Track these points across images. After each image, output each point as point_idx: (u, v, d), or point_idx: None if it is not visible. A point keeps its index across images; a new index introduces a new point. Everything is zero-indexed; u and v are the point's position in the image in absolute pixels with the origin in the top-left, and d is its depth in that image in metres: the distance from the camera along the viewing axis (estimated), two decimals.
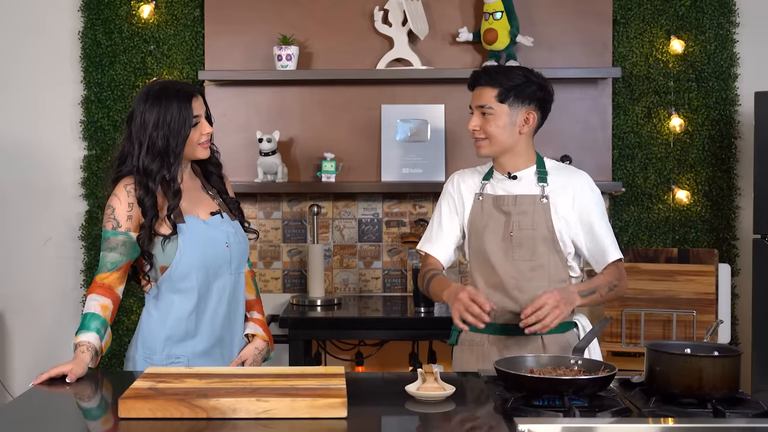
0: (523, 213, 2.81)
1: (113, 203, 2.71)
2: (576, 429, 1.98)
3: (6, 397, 4.34)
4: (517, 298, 2.80)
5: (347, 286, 4.34)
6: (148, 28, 4.23)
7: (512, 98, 2.80)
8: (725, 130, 4.22)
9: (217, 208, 2.82)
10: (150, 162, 2.67)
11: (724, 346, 2.42)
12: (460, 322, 2.66)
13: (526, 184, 2.86)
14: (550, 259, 2.81)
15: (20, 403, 2.39)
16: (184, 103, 2.68)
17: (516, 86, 2.80)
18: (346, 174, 4.24)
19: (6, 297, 4.37)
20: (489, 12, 4.08)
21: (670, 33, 4.21)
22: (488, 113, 2.81)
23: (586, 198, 2.84)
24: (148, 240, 2.68)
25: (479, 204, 2.88)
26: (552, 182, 2.84)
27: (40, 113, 4.33)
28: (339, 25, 4.23)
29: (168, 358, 2.74)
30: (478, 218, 2.87)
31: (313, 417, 2.13)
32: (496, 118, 2.81)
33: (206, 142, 2.76)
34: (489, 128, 2.81)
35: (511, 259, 2.81)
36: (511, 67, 2.90)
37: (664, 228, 4.24)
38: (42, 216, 4.35)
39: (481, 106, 2.82)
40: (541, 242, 2.80)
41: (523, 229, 2.80)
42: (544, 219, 2.80)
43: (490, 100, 2.81)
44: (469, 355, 2.87)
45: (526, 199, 2.82)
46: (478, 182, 2.92)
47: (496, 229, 2.83)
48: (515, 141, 2.83)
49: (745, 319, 4.19)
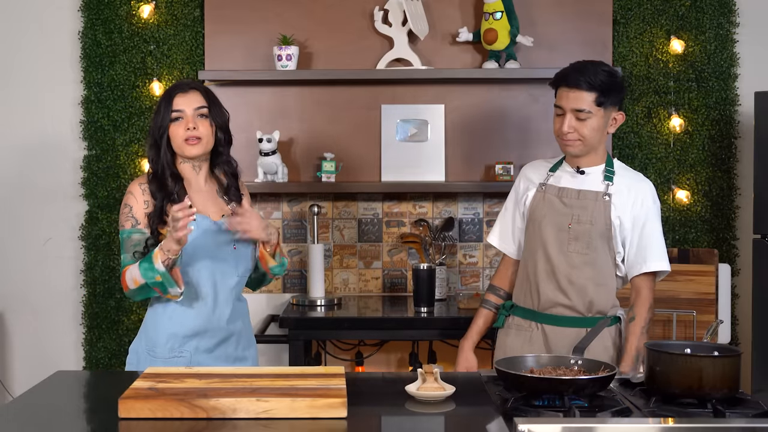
0: (584, 208, 2.88)
1: (130, 202, 2.80)
2: (576, 429, 1.98)
3: (6, 397, 4.34)
4: (566, 289, 2.89)
5: (347, 286, 4.34)
6: (148, 28, 4.23)
7: (609, 102, 2.85)
8: (725, 130, 4.22)
9: (229, 211, 2.84)
10: (149, 149, 2.85)
11: (724, 346, 2.43)
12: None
13: (592, 180, 2.93)
14: (602, 255, 2.88)
15: (20, 403, 2.39)
16: (168, 97, 2.83)
17: (612, 90, 2.85)
18: (346, 174, 4.24)
19: (6, 297, 4.37)
20: (489, 12, 4.08)
21: (670, 33, 4.21)
22: (586, 117, 2.85)
23: (648, 205, 2.91)
24: (158, 221, 2.75)
25: (541, 194, 2.96)
26: (617, 182, 2.91)
27: (40, 113, 4.33)
28: (339, 25, 4.23)
29: (171, 352, 2.76)
30: (539, 207, 2.95)
31: (313, 417, 2.13)
32: (593, 122, 2.85)
33: (191, 140, 2.78)
34: (584, 131, 2.86)
35: (566, 250, 2.88)
36: (603, 68, 2.90)
37: (664, 228, 4.22)
38: (42, 216, 4.35)
39: (579, 110, 2.84)
40: (597, 237, 2.86)
41: (581, 222, 2.88)
42: (603, 216, 2.86)
43: (590, 104, 2.84)
44: (515, 339, 2.98)
45: (589, 195, 2.89)
46: (544, 173, 3.00)
47: (555, 220, 2.91)
48: (602, 140, 2.91)
49: (745, 319, 4.19)
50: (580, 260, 2.88)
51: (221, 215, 2.81)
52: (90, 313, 4.29)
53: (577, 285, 2.88)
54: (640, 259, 2.90)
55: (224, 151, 2.89)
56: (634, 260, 2.90)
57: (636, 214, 2.90)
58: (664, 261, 2.92)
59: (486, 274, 4.30)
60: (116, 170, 4.25)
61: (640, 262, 2.89)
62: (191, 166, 2.85)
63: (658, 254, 2.91)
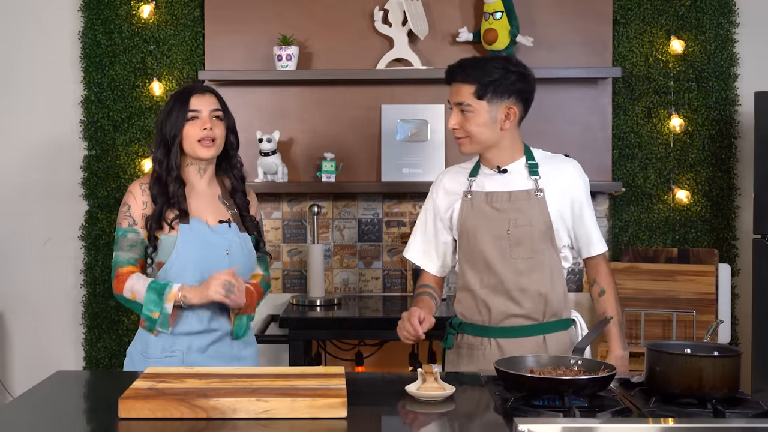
0: (519, 210, 2.70)
1: (129, 201, 2.80)
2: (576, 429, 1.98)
3: (6, 397, 4.35)
4: (518, 298, 2.71)
5: (347, 286, 4.34)
6: (148, 28, 4.23)
7: (491, 94, 2.66)
8: (725, 130, 4.22)
9: (227, 217, 2.83)
10: (157, 150, 2.81)
11: (724, 346, 2.42)
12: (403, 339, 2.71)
13: (517, 178, 2.74)
14: (549, 255, 2.73)
15: (20, 403, 2.39)
16: (183, 97, 2.80)
17: (494, 81, 2.65)
18: (346, 174, 4.24)
19: (6, 297, 4.37)
20: (489, 12, 4.08)
21: (670, 33, 4.21)
22: (467, 111, 2.68)
23: (579, 187, 2.77)
24: (157, 225, 2.74)
25: (468, 203, 2.76)
26: (543, 173, 2.74)
27: (40, 113, 4.33)
28: (339, 25, 4.23)
29: (163, 351, 2.75)
30: (468, 218, 2.75)
31: (313, 417, 2.13)
32: (476, 116, 2.68)
33: (206, 141, 2.77)
34: (469, 127, 2.69)
35: (509, 258, 2.70)
36: (487, 59, 2.77)
37: (664, 228, 4.24)
38: (42, 216, 4.35)
39: (459, 104, 2.69)
40: (539, 238, 2.70)
41: (519, 226, 2.69)
42: (541, 214, 2.70)
43: (468, 97, 2.67)
44: (468, 361, 2.77)
45: (521, 195, 2.71)
46: (464, 180, 2.81)
47: (491, 228, 2.72)
48: (499, 137, 2.71)
49: (745, 319, 4.19)
50: (525, 265, 2.70)
51: (218, 220, 2.81)
52: (90, 313, 4.29)
53: (530, 292, 2.70)
54: (586, 245, 2.78)
55: (233, 154, 2.88)
56: (582, 245, 2.79)
57: (572, 199, 2.74)
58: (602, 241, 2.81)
59: None
60: (116, 170, 4.26)
61: (588, 247, 2.78)
62: (197, 168, 2.83)
63: (598, 235, 2.80)
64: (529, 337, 2.72)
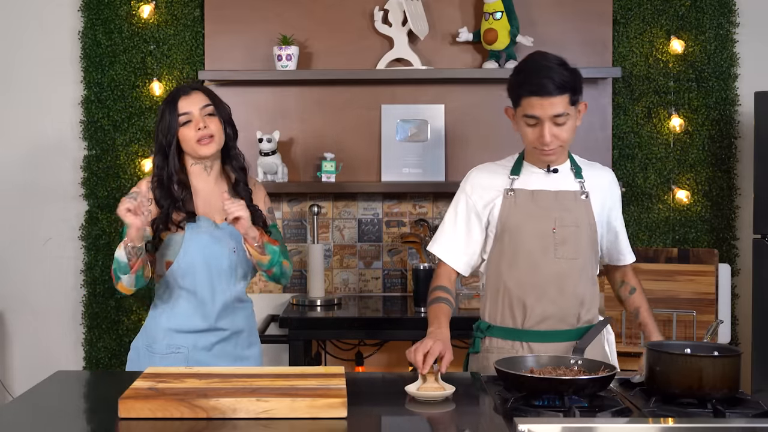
0: (566, 209, 2.66)
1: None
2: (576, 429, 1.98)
3: (6, 397, 4.34)
4: (556, 300, 2.66)
5: (347, 286, 4.34)
6: (148, 28, 4.23)
7: (579, 97, 2.63)
8: (725, 130, 4.22)
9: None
10: (155, 157, 2.82)
11: (724, 346, 2.42)
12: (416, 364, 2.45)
13: (564, 179, 2.71)
14: (590, 258, 2.71)
15: (20, 403, 2.39)
16: (171, 103, 2.80)
17: (579, 83, 2.62)
18: (346, 174, 4.24)
19: (6, 297, 4.37)
20: (489, 12, 4.08)
21: (670, 33, 4.21)
22: (564, 121, 2.60)
23: (615, 196, 2.79)
24: (163, 226, 2.74)
25: (511, 200, 2.69)
26: (585, 177, 2.73)
27: (40, 113, 4.33)
28: (339, 25, 4.23)
29: (168, 348, 2.78)
30: (512, 215, 2.68)
31: (313, 417, 2.13)
32: (570, 123, 2.61)
33: (204, 139, 2.77)
34: (564, 135, 2.61)
35: (552, 257, 2.65)
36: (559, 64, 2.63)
37: (664, 228, 4.24)
38: (42, 216, 4.35)
39: (558, 116, 2.57)
40: (584, 240, 2.68)
41: (565, 225, 2.65)
42: (587, 216, 2.68)
43: (565, 107, 2.58)
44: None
45: (567, 195, 2.68)
46: (503, 177, 2.73)
47: (536, 226, 2.66)
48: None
49: (745, 319, 4.19)
50: (568, 266, 2.65)
51: (224, 219, 2.81)
52: (90, 313, 4.29)
53: (568, 293, 2.66)
54: (617, 255, 2.83)
55: (232, 146, 2.88)
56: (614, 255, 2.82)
57: (610, 206, 2.76)
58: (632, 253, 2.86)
59: None
60: (116, 170, 4.26)
61: (619, 257, 2.83)
62: (203, 167, 2.83)
63: (629, 247, 2.85)
64: (562, 342, 2.67)
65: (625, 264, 2.86)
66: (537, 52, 2.72)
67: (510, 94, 2.67)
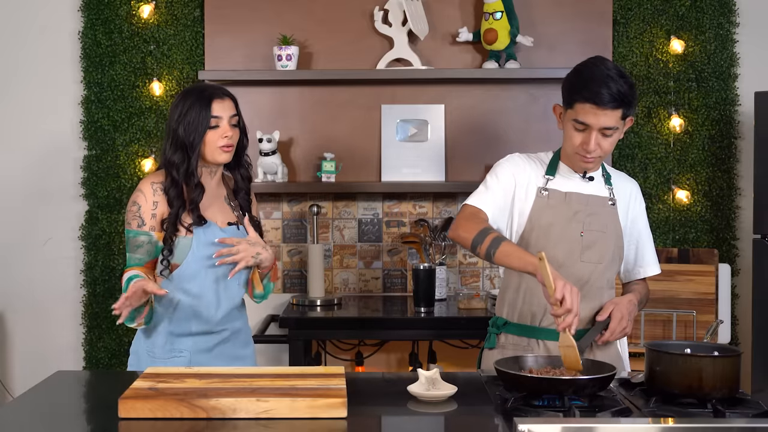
0: (594, 214, 2.70)
1: (139, 200, 2.74)
2: (576, 429, 1.98)
3: (6, 397, 4.35)
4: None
5: (347, 286, 4.34)
6: (148, 28, 4.23)
7: (631, 112, 2.64)
8: (725, 130, 4.22)
9: (234, 219, 2.83)
10: (173, 154, 2.73)
11: (724, 346, 2.42)
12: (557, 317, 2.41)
13: (596, 185, 2.76)
14: (613, 264, 2.75)
15: (20, 403, 2.39)
16: (203, 102, 2.72)
17: (635, 100, 2.64)
18: (346, 174, 4.24)
19: (6, 297, 4.37)
20: (489, 12, 4.08)
21: (670, 33, 4.21)
22: (611, 133, 2.62)
23: (639, 207, 2.82)
24: (173, 228, 2.71)
25: (543, 199, 2.71)
26: (614, 185, 2.78)
27: (40, 113, 4.33)
28: (339, 25, 4.23)
29: (170, 352, 2.76)
30: (543, 214, 2.70)
31: (313, 417, 2.13)
32: (616, 136, 2.64)
33: (226, 146, 2.75)
34: (607, 146, 2.64)
35: (578, 260, 2.68)
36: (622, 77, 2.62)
37: (664, 228, 4.24)
38: (42, 216, 4.35)
39: (608, 128, 2.60)
40: (610, 245, 2.71)
41: (593, 230, 2.69)
42: (613, 223, 2.72)
43: (617, 121, 2.61)
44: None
45: (597, 201, 2.73)
46: (540, 175, 2.75)
47: (565, 228, 2.69)
48: None
49: (745, 319, 4.19)
50: (592, 270, 2.68)
51: (227, 222, 2.81)
52: (90, 313, 4.29)
53: (589, 297, 2.68)
54: (638, 266, 2.84)
55: (243, 155, 2.86)
56: (632, 267, 2.85)
57: (633, 217, 2.80)
58: (657, 264, 2.87)
59: (486, 274, 4.30)
60: (116, 170, 4.26)
61: (638, 268, 2.85)
62: (208, 171, 2.80)
63: (654, 258, 2.85)
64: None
65: (651, 275, 2.86)
66: (598, 58, 2.73)
67: (564, 95, 2.68)
